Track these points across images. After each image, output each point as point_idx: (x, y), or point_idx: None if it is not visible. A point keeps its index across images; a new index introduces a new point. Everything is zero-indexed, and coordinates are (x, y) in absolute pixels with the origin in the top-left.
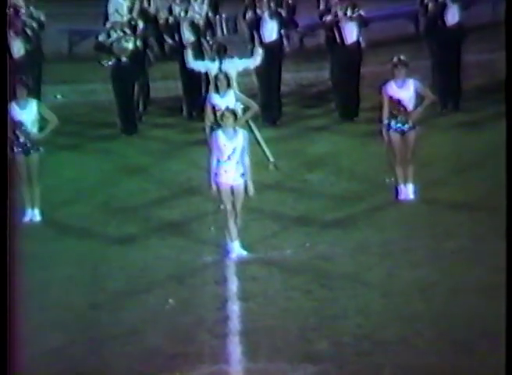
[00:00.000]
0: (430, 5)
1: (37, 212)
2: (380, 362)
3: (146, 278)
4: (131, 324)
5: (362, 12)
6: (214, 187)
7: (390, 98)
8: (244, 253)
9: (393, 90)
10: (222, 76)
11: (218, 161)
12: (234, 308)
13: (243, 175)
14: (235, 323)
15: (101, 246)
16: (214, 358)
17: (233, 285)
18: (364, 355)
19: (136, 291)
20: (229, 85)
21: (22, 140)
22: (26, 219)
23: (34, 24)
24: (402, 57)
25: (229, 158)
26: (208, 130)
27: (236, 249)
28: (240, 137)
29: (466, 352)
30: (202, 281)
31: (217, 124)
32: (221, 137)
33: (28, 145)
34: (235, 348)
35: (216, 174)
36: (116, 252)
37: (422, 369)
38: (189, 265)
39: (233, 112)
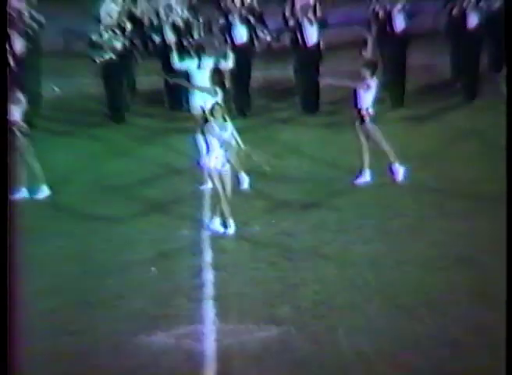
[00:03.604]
0: (380, 14)
1: (45, 188)
2: (334, 324)
3: (130, 250)
4: (117, 290)
5: (321, 18)
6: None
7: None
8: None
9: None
10: (217, 107)
11: (211, 149)
12: (208, 276)
13: (228, 161)
14: (209, 290)
15: (90, 221)
16: (190, 320)
17: (208, 256)
18: (320, 319)
19: (121, 261)
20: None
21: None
22: (40, 195)
23: (35, 25)
24: (370, 58)
25: (221, 146)
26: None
27: (233, 225)
28: (229, 128)
29: (409, 317)
30: (180, 252)
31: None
32: (215, 128)
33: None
34: (208, 311)
35: (207, 160)
36: (104, 227)
37: (371, 332)
38: (168, 238)
39: (221, 107)
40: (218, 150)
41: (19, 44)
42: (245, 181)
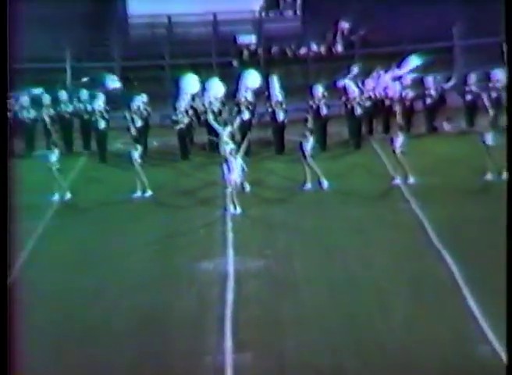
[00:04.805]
0: (313, 106)
1: (149, 191)
2: (295, 261)
3: (190, 222)
4: (185, 243)
5: (285, 107)
6: (227, 181)
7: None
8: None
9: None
10: (233, 150)
11: (230, 170)
12: (230, 235)
13: (240, 176)
14: (229, 242)
15: (172, 208)
16: (220, 255)
17: (229, 225)
18: (288, 257)
19: (186, 228)
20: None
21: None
22: (146, 195)
23: (146, 113)
24: (310, 127)
25: (236, 169)
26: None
27: (240, 210)
28: (239, 159)
29: (343, 260)
30: (214, 224)
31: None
32: (232, 160)
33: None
34: (228, 252)
35: (229, 176)
36: (178, 211)
37: (316, 264)
38: (208, 216)
39: (235, 150)
40: (235, 171)
41: (139, 123)
42: (247, 188)
